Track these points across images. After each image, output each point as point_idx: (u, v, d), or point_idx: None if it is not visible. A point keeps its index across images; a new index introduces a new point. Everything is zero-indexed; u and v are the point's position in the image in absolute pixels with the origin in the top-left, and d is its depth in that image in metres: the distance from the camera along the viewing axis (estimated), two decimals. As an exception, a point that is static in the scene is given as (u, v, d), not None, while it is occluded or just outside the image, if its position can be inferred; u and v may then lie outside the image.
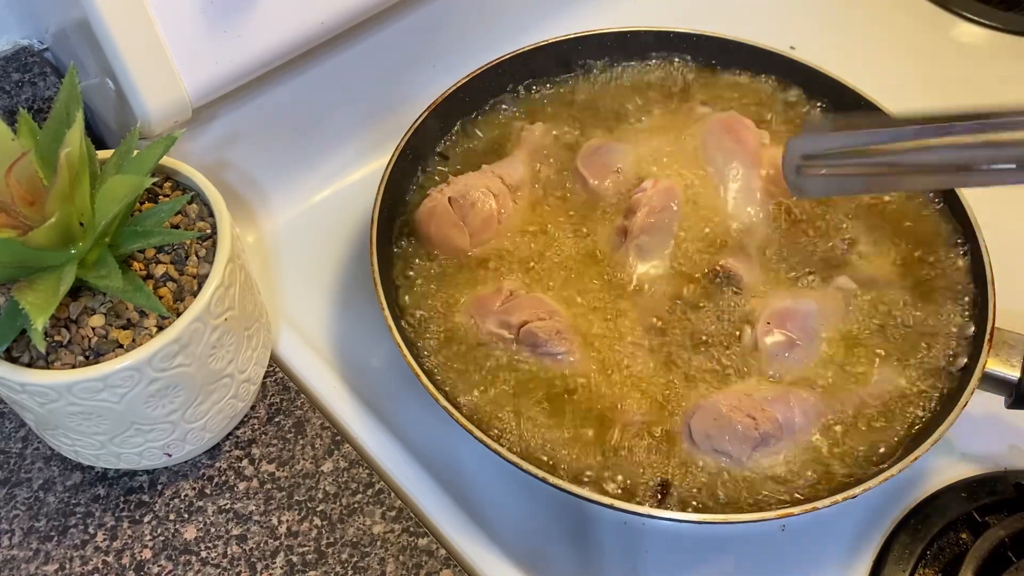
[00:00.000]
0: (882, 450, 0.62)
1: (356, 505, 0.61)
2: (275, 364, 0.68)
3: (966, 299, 0.68)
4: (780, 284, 0.70)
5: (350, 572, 0.58)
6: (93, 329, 0.52)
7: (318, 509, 0.61)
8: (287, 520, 0.60)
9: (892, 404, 0.64)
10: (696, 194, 0.74)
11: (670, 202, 0.71)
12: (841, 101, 0.80)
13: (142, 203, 0.58)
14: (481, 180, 0.73)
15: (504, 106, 0.81)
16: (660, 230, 0.71)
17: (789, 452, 0.62)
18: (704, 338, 0.67)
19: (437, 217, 0.71)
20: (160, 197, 0.59)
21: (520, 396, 0.64)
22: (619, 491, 0.61)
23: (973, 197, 0.71)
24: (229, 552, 0.59)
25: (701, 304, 0.69)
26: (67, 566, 0.58)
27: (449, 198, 0.71)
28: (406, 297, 0.69)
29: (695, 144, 0.77)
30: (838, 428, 0.63)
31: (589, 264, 0.71)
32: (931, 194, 0.74)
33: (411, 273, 0.70)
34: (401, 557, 0.59)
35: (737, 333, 0.67)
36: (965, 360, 0.64)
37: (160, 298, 0.54)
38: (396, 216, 0.73)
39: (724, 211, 0.73)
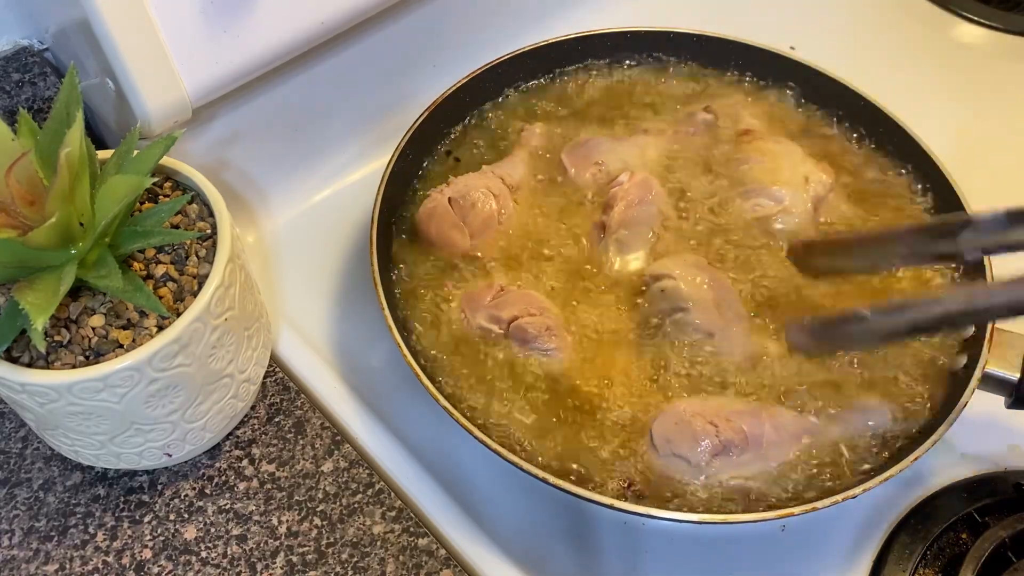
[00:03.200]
0: (881, 450, 0.62)
1: (356, 505, 0.61)
2: (275, 364, 0.68)
3: (966, 299, 0.68)
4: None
5: (350, 572, 0.58)
6: (93, 329, 0.52)
7: (318, 509, 0.61)
8: (287, 520, 0.60)
9: (892, 404, 0.64)
10: (676, 188, 0.75)
11: (647, 194, 0.71)
12: (841, 101, 0.80)
13: (142, 203, 0.58)
14: (481, 180, 0.73)
15: (504, 106, 0.81)
16: (639, 223, 0.71)
17: (755, 467, 0.62)
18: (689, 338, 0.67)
19: (437, 217, 0.71)
20: (160, 197, 0.59)
21: (520, 396, 0.64)
22: (611, 490, 0.61)
23: (973, 197, 0.71)
24: (229, 552, 0.59)
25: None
26: (67, 566, 0.58)
27: (449, 198, 0.71)
28: (406, 297, 0.69)
29: (688, 144, 0.77)
30: (837, 427, 0.63)
31: (579, 260, 0.71)
32: (928, 193, 0.75)
33: (411, 273, 0.70)
34: (401, 557, 0.59)
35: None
36: (965, 360, 0.64)
37: (160, 298, 0.54)
38: (396, 216, 0.73)
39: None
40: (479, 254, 0.71)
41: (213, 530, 0.60)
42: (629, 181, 0.72)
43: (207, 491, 0.62)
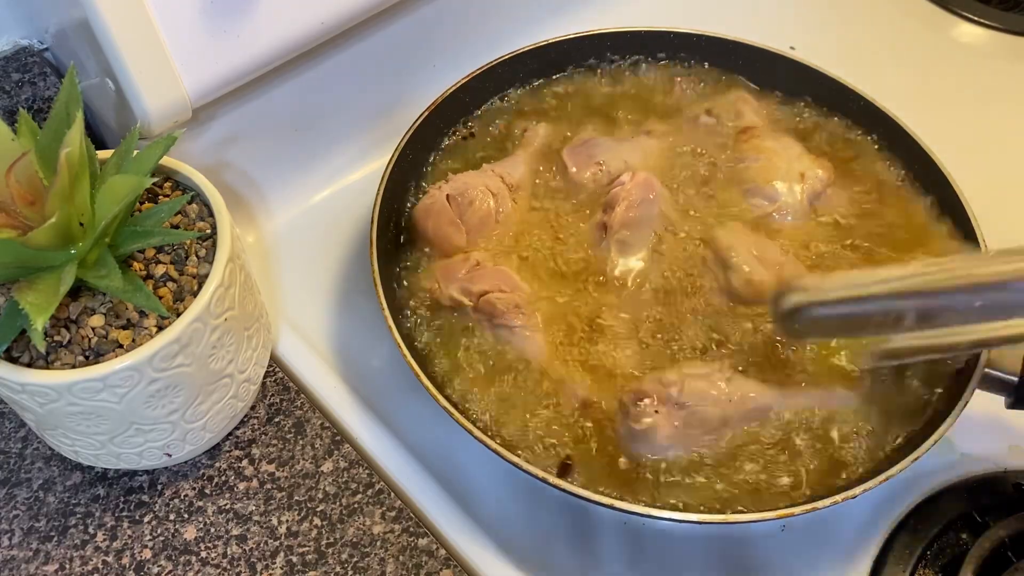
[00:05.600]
0: (882, 450, 0.62)
1: (356, 505, 0.61)
2: (275, 364, 0.68)
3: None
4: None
5: (350, 572, 0.58)
6: (93, 329, 0.52)
7: (318, 509, 0.61)
8: (287, 520, 0.60)
9: (892, 404, 0.64)
10: (677, 189, 0.74)
11: (648, 194, 0.71)
12: (841, 101, 0.80)
13: (142, 203, 0.58)
14: (480, 179, 0.73)
15: (504, 106, 0.81)
16: (640, 224, 0.71)
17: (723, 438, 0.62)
18: (687, 336, 0.67)
19: (435, 214, 0.71)
20: (160, 197, 0.59)
21: (519, 395, 0.64)
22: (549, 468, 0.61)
23: (972, 196, 0.71)
24: (229, 552, 0.59)
25: (686, 298, 0.69)
26: (67, 566, 0.59)
27: (448, 195, 0.71)
28: (406, 297, 0.69)
29: (690, 146, 0.78)
30: (837, 428, 0.63)
31: (579, 261, 0.71)
32: (928, 193, 0.75)
33: (411, 273, 0.70)
34: (401, 557, 0.59)
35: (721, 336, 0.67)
36: (965, 360, 0.64)
37: (160, 298, 0.54)
38: (396, 216, 0.73)
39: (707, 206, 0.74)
40: (475, 252, 0.71)
41: (213, 530, 0.60)
42: (631, 181, 0.72)
43: (207, 491, 0.62)
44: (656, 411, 0.60)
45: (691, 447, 0.62)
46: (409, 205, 0.74)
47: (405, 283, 0.70)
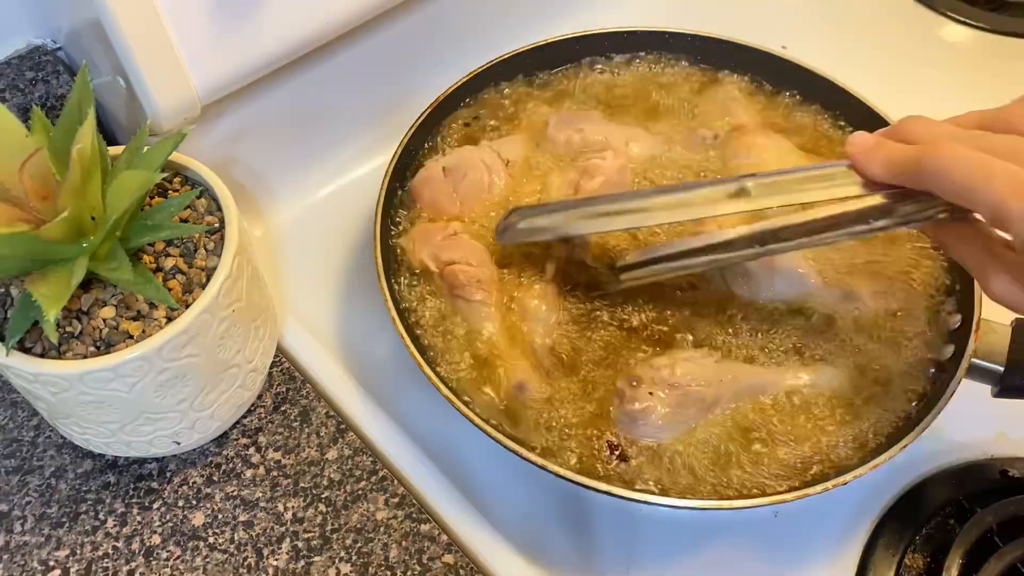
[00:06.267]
0: (872, 438, 0.63)
1: (360, 492, 0.62)
2: (281, 354, 0.69)
3: (953, 289, 0.69)
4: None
5: (354, 557, 0.59)
6: (104, 320, 0.53)
7: (323, 496, 0.62)
8: (293, 506, 0.61)
9: (881, 392, 0.65)
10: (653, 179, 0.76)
11: (621, 180, 0.73)
12: (831, 99, 0.80)
13: (152, 198, 0.59)
14: (477, 153, 0.74)
15: (504, 104, 0.82)
16: None
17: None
18: (652, 319, 0.68)
19: (430, 184, 0.72)
20: (169, 192, 0.60)
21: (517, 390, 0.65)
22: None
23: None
24: (236, 538, 0.60)
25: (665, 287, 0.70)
26: (78, 552, 0.59)
27: (443, 168, 0.73)
28: (409, 289, 0.70)
29: (680, 151, 0.78)
30: (828, 416, 0.64)
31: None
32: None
33: (415, 265, 0.71)
34: (404, 543, 0.60)
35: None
36: (952, 350, 0.65)
37: (169, 290, 0.54)
38: (399, 211, 0.74)
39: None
40: (455, 221, 0.72)
41: (221, 516, 0.61)
42: (611, 160, 0.73)
43: (215, 478, 0.63)
44: (651, 393, 0.62)
45: (685, 429, 0.63)
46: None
47: (408, 276, 0.71)
